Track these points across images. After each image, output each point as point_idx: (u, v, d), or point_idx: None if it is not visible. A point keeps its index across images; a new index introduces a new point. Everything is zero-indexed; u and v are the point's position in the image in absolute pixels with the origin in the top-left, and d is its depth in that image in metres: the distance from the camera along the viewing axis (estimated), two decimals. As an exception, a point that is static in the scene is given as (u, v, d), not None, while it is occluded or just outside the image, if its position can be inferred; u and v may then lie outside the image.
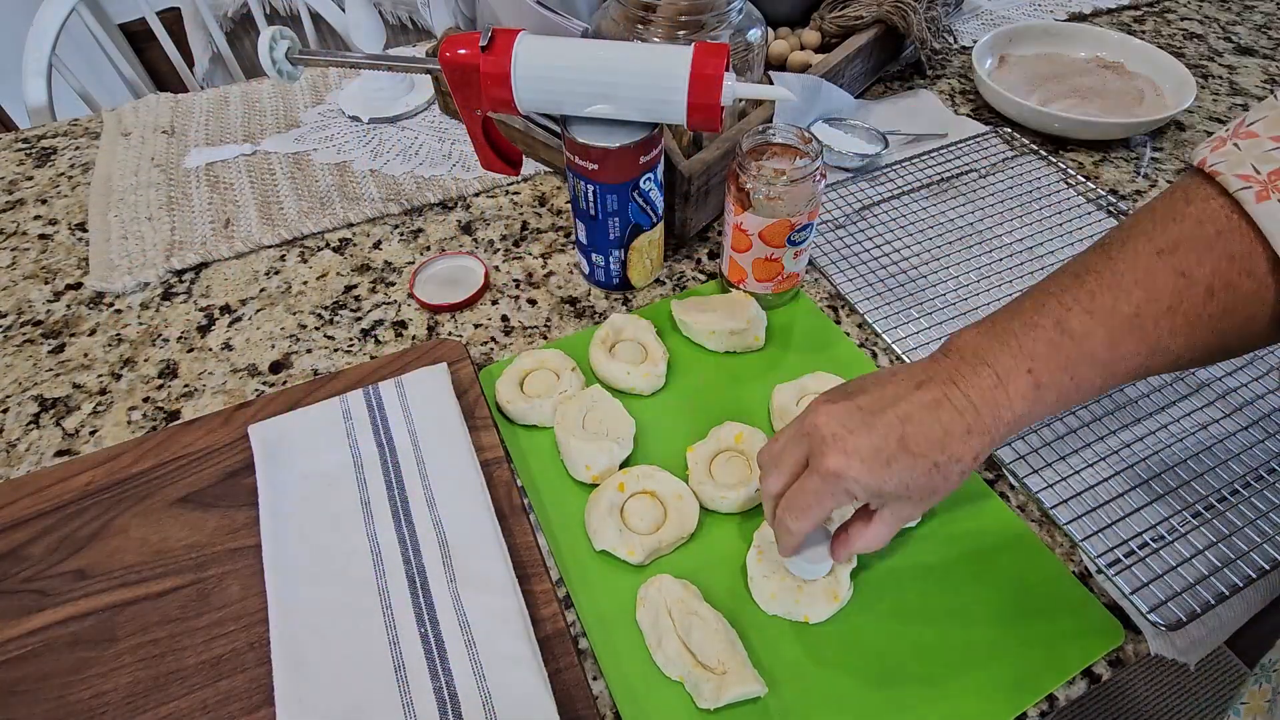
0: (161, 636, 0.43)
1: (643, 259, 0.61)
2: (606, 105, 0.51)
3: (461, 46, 0.51)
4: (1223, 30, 0.97)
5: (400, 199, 0.73)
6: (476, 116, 0.56)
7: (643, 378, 0.55)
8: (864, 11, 0.81)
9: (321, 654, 0.42)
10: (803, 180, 0.53)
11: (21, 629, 0.44)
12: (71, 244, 0.70)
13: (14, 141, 0.82)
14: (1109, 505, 0.49)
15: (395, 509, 0.48)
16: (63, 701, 0.41)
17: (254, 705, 0.41)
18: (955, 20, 0.99)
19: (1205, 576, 0.46)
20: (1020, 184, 0.73)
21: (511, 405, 0.54)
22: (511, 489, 0.50)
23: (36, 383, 0.59)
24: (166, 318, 0.63)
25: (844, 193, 0.73)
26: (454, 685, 0.41)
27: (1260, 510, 0.49)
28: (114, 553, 0.47)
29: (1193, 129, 0.81)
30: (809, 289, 0.64)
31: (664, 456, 0.52)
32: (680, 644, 0.42)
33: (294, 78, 0.59)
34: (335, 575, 0.45)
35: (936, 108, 0.84)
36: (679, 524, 0.48)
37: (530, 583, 0.45)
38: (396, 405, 0.53)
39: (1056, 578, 0.46)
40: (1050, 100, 0.81)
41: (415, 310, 0.63)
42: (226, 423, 0.53)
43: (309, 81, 0.89)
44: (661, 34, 0.60)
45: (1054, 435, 0.53)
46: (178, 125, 0.83)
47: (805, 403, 0.54)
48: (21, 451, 0.54)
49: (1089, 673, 0.43)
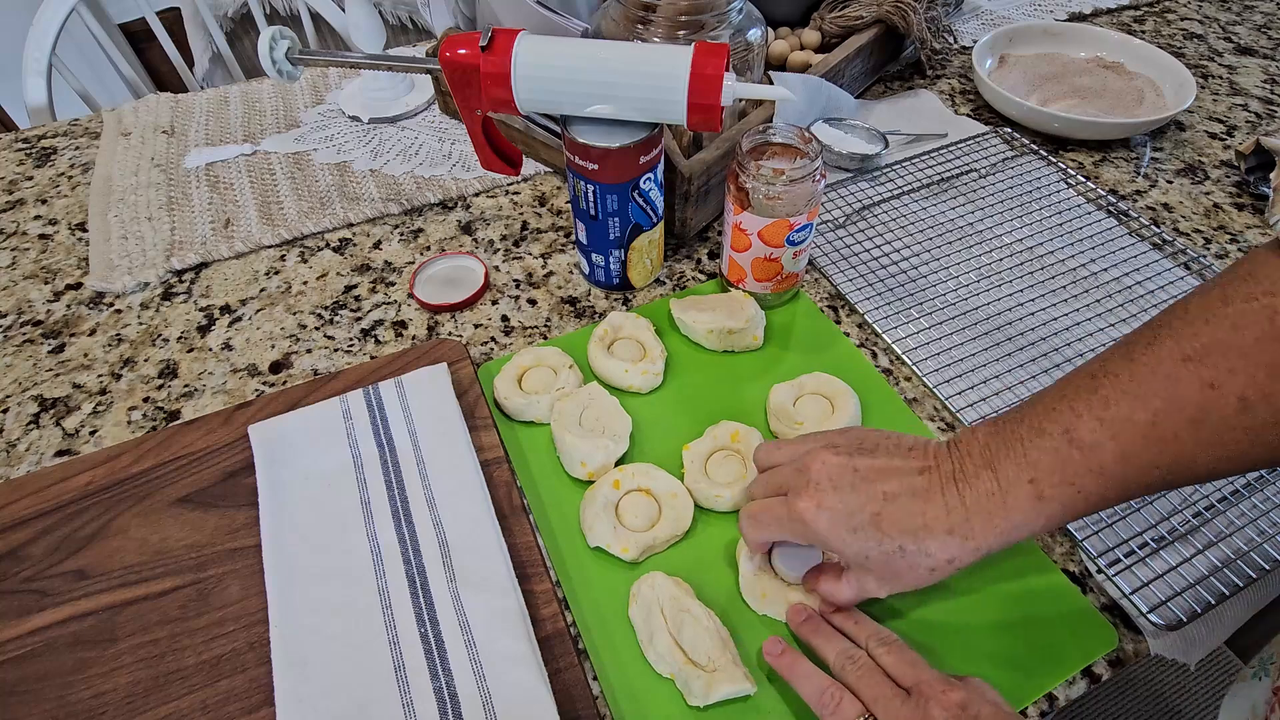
0: (161, 636, 0.43)
1: (643, 259, 0.61)
2: (606, 105, 0.51)
3: (461, 46, 0.51)
4: (1223, 30, 0.97)
5: (400, 199, 0.73)
6: (476, 116, 0.56)
7: (640, 376, 0.55)
8: (864, 11, 0.81)
9: (321, 654, 0.42)
10: (802, 180, 0.53)
11: (21, 629, 0.44)
12: (71, 244, 0.70)
13: (14, 141, 0.82)
14: (1109, 505, 0.49)
15: (395, 509, 0.48)
16: (63, 701, 0.41)
17: (254, 705, 0.41)
18: (955, 20, 0.99)
19: (1205, 576, 0.46)
20: (1020, 184, 0.73)
21: (509, 401, 0.54)
22: (511, 489, 0.50)
23: (36, 383, 0.59)
24: (166, 318, 0.63)
25: (844, 193, 0.73)
26: (454, 685, 0.41)
27: (1260, 510, 0.49)
28: (114, 553, 0.47)
29: (1193, 129, 0.81)
30: (809, 289, 0.64)
31: (660, 455, 0.52)
32: (672, 641, 0.42)
33: (294, 78, 0.59)
34: (335, 575, 0.45)
35: (936, 108, 0.84)
36: (673, 522, 0.48)
37: (530, 583, 0.45)
38: (396, 405, 0.53)
39: (1056, 577, 0.46)
40: (1050, 100, 0.81)
41: (415, 310, 0.63)
42: (226, 423, 0.53)
43: (309, 81, 0.89)
44: (661, 34, 0.60)
45: (1054, 435, 0.53)
46: (178, 125, 0.83)
47: (803, 403, 0.54)
48: (21, 451, 0.54)
49: (1089, 673, 0.43)
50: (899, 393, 0.56)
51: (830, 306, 0.63)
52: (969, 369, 0.57)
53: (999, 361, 0.58)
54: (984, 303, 0.62)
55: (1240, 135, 0.79)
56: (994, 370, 0.57)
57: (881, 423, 0.54)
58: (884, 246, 0.67)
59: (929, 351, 0.59)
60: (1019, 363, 0.58)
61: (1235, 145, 0.78)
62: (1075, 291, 0.63)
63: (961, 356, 0.58)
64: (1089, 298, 0.63)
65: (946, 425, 0.54)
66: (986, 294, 0.63)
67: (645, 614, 0.43)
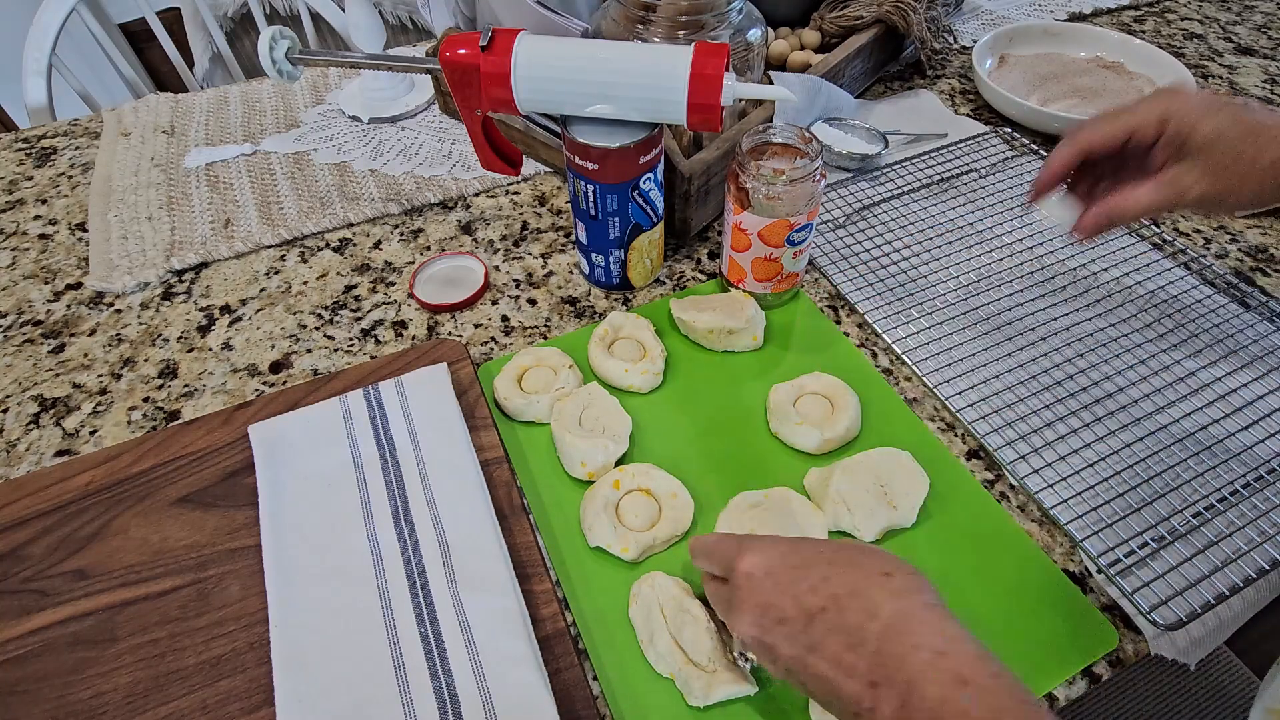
0: (161, 636, 0.43)
1: (643, 259, 0.61)
2: (606, 105, 0.51)
3: (461, 46, 0.51)
4: (1223, 30, 0.97)
5: (400, 199, 0.73)
6: (476, 116, 0.56)
7: (640, 375, 0.55)
8: (864, 11, 0.80)
9: (321, 654, 0.42)
10: (802, 180, 0.53)
11: (21, 629, 0.44)
12: (71, 244, 0.70)
13: (14, 141, 0.82)
14: (1109, 505, 0.49)
15: (395, 509, 0.48)
16: (63, 701, 0.41)
17: (254, 705, 0.41)
18: (955, 20, 0.99)
19: (1205, 576, 0.46)
20: (1020, 184, 0.73)
21: (509, 401, 0.54)
22: (511, 489, 0.50)
23: (36, 383, 0.59)
24: (166, 318, 0.63)
25: (844, 193, 0.73)
26: (454, 685, 0.41)
27: (1260, 510, 0.49)
28: (114, 553, 0.47)
29: (1193, 129, 0.80)
30: (809, 289, 0.64)
31: (660, 455, 0.52)
32: (672, 641, 0.42)
33: (294, 78, 0.59)
34: (335, 575, 0.45)
35: (936, 108, 0.84)
36: (673, 522, 0.48)
37: (530, 583, 0.45)
38: (396, 405, 0.53)
39: (1056, 578, 0.46)
40: (1050, 100, 0.81)
41: (415, 310, 0.63)
42: (226, 423, 0.53)
43: (309, 81, 0.89)
44: (661, 34, 0.60)
45: (1054, 435, 0.53)
46: (178, 125, 0.83)
47: (803, 402, 0.54)
48: (21, 451, 0.54)
49: (1089, 673, 0.43)
50: (899, 393, 0.56)
51: (830, 306, 0.63)
52: (969, 369, 0.57)
53: (999, 361, 0.58)
54: (984, 303, 0.62)
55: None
56: (994, 370, 0.57)
57: (881, 422, 0.54)
58: (884, 246, 0.67)
59: (929, 351, 0.59)
60: (1019, 363, 0.58)
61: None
62: (1075, 291, 0.63)
63: (961, 356, 0.58)
64: (1089, 298, 0.63)
65: (946, 425, 0.54)
66: (986, 294, 0.63)
67: (645, 614, 0.43)
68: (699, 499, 0.50)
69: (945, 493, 0.50)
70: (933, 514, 0.49)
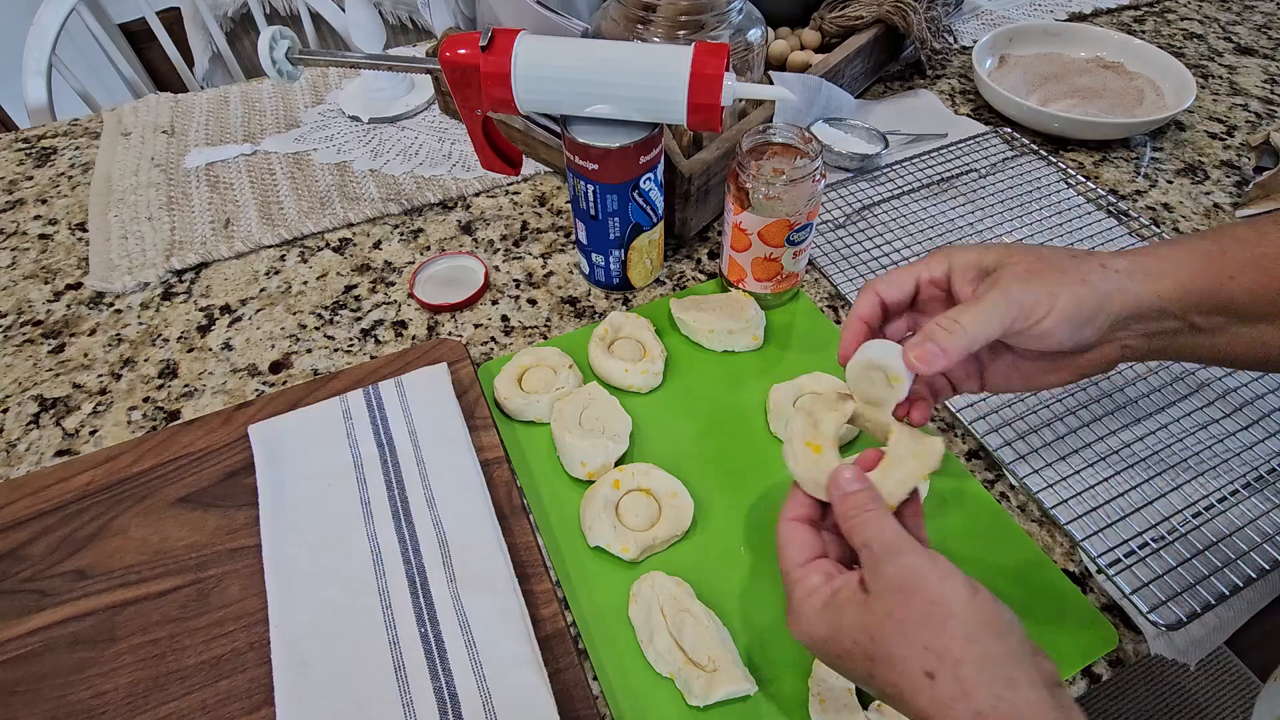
0: (161, 636, 0.43)
1: (643, 259, 0.61)
2: (606, 105, 0.51)
3: (461, 46, 0.51)
4: (1223, 30, 0.97)
5: (400, 199, 0.73)
6: (476, 116, 0.56)
7: (640, 375, 0.55)
8: (864, 11, 0.81)
9: (321, 654, 0.42)
10: (802, 180, 0.53)
11: (21, 629, 0.44)
12: (71, 244, 0.70)
13: (14, 141, 0.82)
14: (1109, 505, 0.49)
15: (395, 509, 0.48)
16: (63, 701, 0.41)
17: (254, 705, 0.41)
18: (955, 20, 0.99)
19: (1205, 576, 0.46)
20: (1020, 184, 0.73)
21: (509, 401, 0.54)
22: (511, 489, 0.50)
23: (36, 383, 0.59)
24: (166, 318, 0.63)
25: (844, 193, 0.73)
26: (454, 685, 0.41)
27: (1260, 510, 0.49)
28: (114, 553, 0.47)
29: (1193, 129, 0.81)
30: (809, 289, 0.64)
31: (660, 454, 0.52)
32: (671, 641, 0.42)
33: (294, 78, 0.59)
34: (335, 575, 0.45)
35: (936, 108, 0.84)
36: (673, 522, 0.48)
37: (530, 583, 0.45)
38: (396, 405, 0.53)
39: (1056, 578, 0.46)
40: (1050, 100, 0.81)
41: (415, 310, 0.63)
42: (226, 423, 0.53)
43: (309, 81, 0.89)
44: (661, 34, 0.60)
45: (1054, 435, 0.53)
46: (178, 125, 0.83)
47: (802, 402, 0.54)
48: (21, 451, 0.54)
49: (1089, 673, 0.43)
50: (899, 393, 0.56)
51: (830, 306, 0.63)
52: (969, 369, 0.57)
53: (999, 361, 0.58)
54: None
55: (1240, 135, 0.79)
56: (994, 370, 0.57)
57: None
58: (884, 246, 0.67)
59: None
60: (1019, 363, 0.58)
61: (1245, 136, 0.78)
62: (1075, 291, 0.63)
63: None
64: (1089, 298, 0.63)
65: (946, 425, 0.54)
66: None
67: (645, 614, 0.43)
68: (699, 499, 0.50)
69: (945, 493, 0.50)
70: (932, 514, 0.49)
